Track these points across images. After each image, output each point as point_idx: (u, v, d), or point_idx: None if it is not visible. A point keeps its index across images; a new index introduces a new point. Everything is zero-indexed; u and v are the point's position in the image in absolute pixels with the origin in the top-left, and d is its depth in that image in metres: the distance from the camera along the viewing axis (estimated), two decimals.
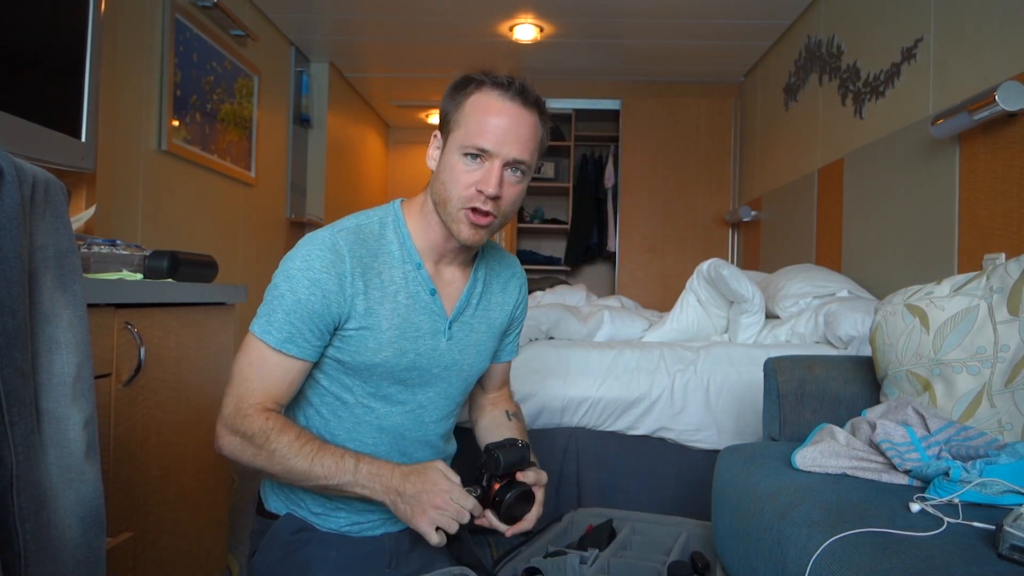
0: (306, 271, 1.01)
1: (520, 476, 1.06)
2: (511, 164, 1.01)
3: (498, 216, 1.04)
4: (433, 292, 1.10)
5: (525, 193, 1.10)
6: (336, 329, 1.05)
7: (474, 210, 1.01)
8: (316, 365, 1.09)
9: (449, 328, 1.12)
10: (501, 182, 1.01)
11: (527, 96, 1.02)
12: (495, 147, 1.00)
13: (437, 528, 0.96)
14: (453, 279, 1.14)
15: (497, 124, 1.00)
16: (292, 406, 1.15)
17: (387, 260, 1.07)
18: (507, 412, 1.30)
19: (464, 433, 1.35)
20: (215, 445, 1.05)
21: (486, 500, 1.03)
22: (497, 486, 1.03)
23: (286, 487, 1.12)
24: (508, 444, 1.06)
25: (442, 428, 1.19)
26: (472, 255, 1.16)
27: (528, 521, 1.06)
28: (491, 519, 1.03)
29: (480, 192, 1.00)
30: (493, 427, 1.27)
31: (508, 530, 1.04)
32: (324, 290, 1.00)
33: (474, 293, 1.16)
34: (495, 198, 1.01)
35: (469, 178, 1.01)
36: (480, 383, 1.32)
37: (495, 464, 1.03)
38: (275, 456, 0.99)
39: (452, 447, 1.27)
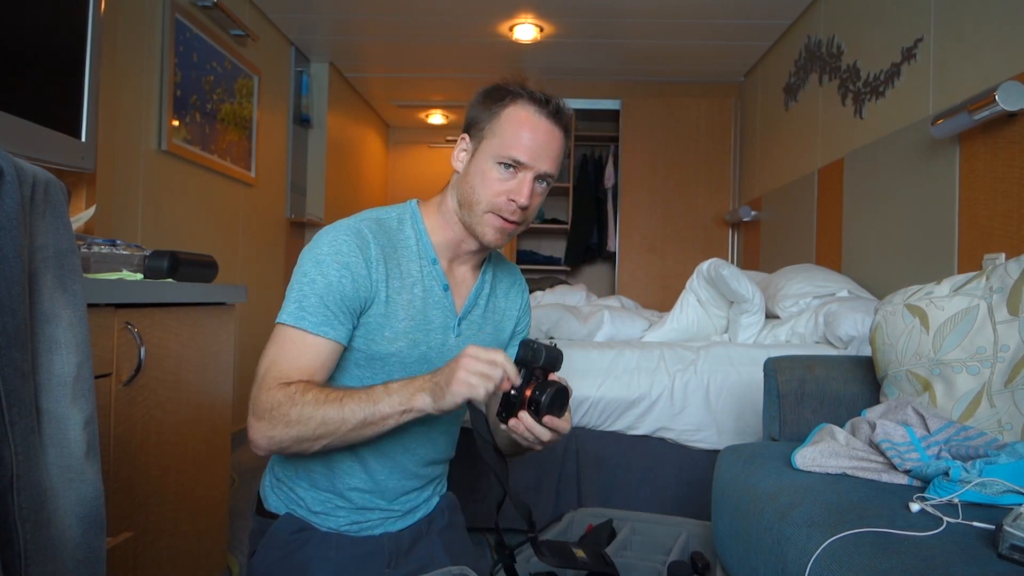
0: (335, 255, 1.02)
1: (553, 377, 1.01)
2: (540, 176, 1.06)
3: (522, 223, 1.09)
4: (446, 288, 1.12)
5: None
6: (360, 313, 1.05)
7: (501, 216, 1.06)
8: None
9: (459, 325, 1.14)
10: (532, 192, 1.06)
11: (560, 117, 1.08)
12: (530, 160, 1.04)
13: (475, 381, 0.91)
14: (464, 278, 1.17)
15: (533, 139, 1.05)
16: None
17: (405, 252, 1.09)
18: None
19: (464, 433, 1.33)
20: (252, 448, 0.99)
21: (521, 399, 0.95)
22: (533, 386, 0.96)
23: (285, 487, 1.12)
24: (544, 343, 0.99)
25: (447, 427, 1.19)
26: (482, 258, 1.19)
27: (565, 422, 0.99)
28: (527, 420, 0.96)
29: (512, 201, 1.05)
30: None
31: (545, 433, 0.97)
32: (354, 273, 1.02)
33: (482, 294, 1.19)
34: (524, 208, 1.06)
35: (501, 186, 1.05)
36: None
37: (535, 356, 0.96)
38: (304, 417, 0.95)
39: (453, 451, 1.26)
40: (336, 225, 1.06)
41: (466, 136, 1.11)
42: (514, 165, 1.05)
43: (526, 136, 1.05)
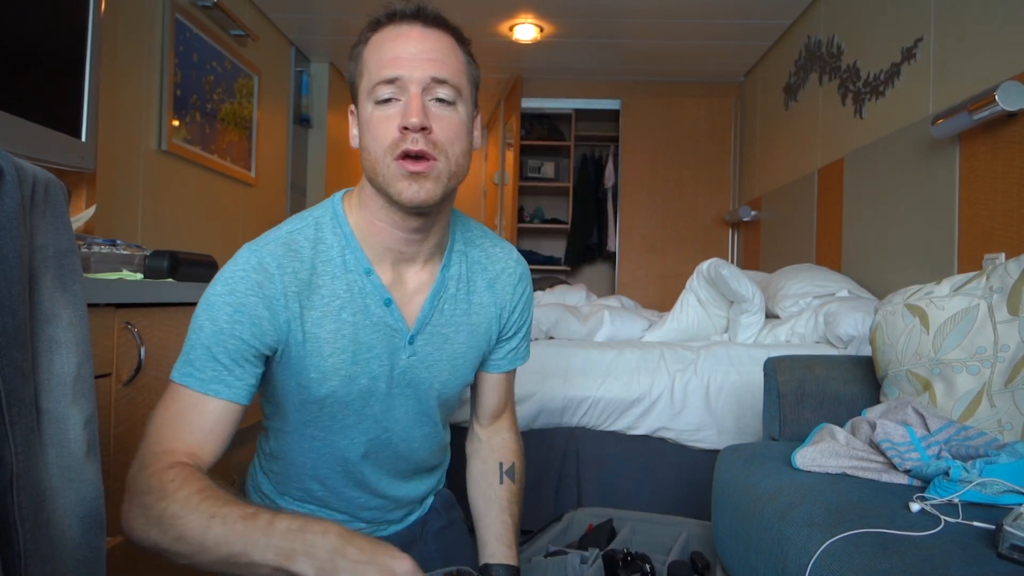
0: (227, 296, 0.85)
1: None
2: (431, 88, 0.85)
3: (440, 158, 0.85)
4: (388, 302, 0.93)
5: (473, 134, 0.92)
6: (270, 359, 0.89)
7: (405, 156, 0.84)
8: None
9: (411, 343, 0.95)
10: (425, 110, 0.84)
11: (426, 15, 0.88)
12: (404, 71, 0.84)
13: None
14: (419, 283, 0.97)
15: (402, 49, 0.85)
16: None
17: (326, 271, 0.90)
18: (500, 466, 1.12)
19: (458, 432, 1.26)
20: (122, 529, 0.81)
21: None
22: None
23: (269, 492, 1.05)
24: None
25: (423, 450, 1.06)
26: (436, 246, 0.97)
27: None
28: None
29: (405, 129, 0.84)
30: (480, 500, 1.10)
31: None
32: (252, 317, 0.85)
33: (443, 297, 0.98)
34: (424, 129, 0.84)
35: (389, 123, 0.85)
36: (472, 405, 1.17)
37: None
38: (165, 520, 0.75)
39: (441, 463, 1.16)
40: (236, 256, 0.89)
41: (352, 107, 0.93)
42: (392, 93, 0.85)
43: (390, 50, 0.85)
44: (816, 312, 2.16)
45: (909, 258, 2.21)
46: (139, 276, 1.31)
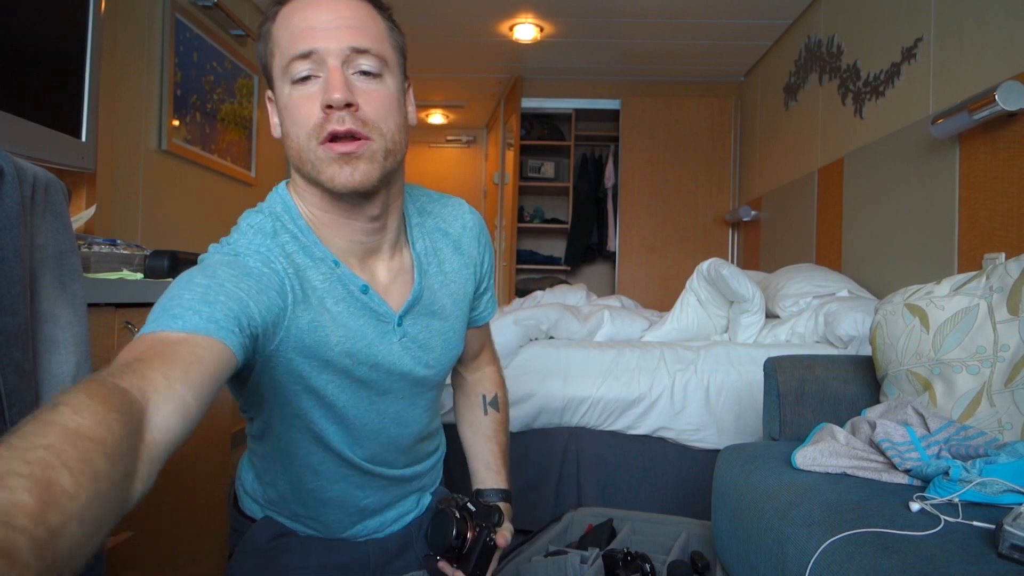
0: (231, 257, 0.76)
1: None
2: (352, 59, 0.77)
3: (372, 135, 0.77)
4: (365, 288, 0.85)
5: (404, 108, 0.84)
6: (268, 343, 0.76)
7: (333, 138, 0.75)
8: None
9: (399, 326, 0.89)
10: (349, 85, 0.75)
11: None
12: (320, 43, 0.75)
13: None
14: (392, 274, 0.90)
15: (312, 19, 0.76)
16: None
17: (300, 261, 0.82)
18: (484, 399, 1.14)
19: (450, 428, 1.24)
20: None
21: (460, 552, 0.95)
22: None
23: (257, 486, 1.01)
24: (479, 517, 0.96)
25: (416, 431, 1.01)
26: (397, 226, 0.89)
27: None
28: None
29: (329, 108, 0.75)
30: (468, 431, 1.14)
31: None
32: (259, 282, 0.73)
33: (429, 274, 0.93)
34: (349, 106, 0.75)
35: (310, 103, 0.76)
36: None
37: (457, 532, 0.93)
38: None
39: (436, 448, 1.12)
40: (220, 243, 0.80)
41: (270, 93, 0.85)
42: (308, 69, 0.76)
43: (299, 21, 0.76)
44: (816, 312, 2.16)
45: (909, 258, 2.21)
46: (139, 276, 1.31)
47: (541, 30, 3.60)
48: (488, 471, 1.10)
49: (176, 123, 2.62)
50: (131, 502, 0.47)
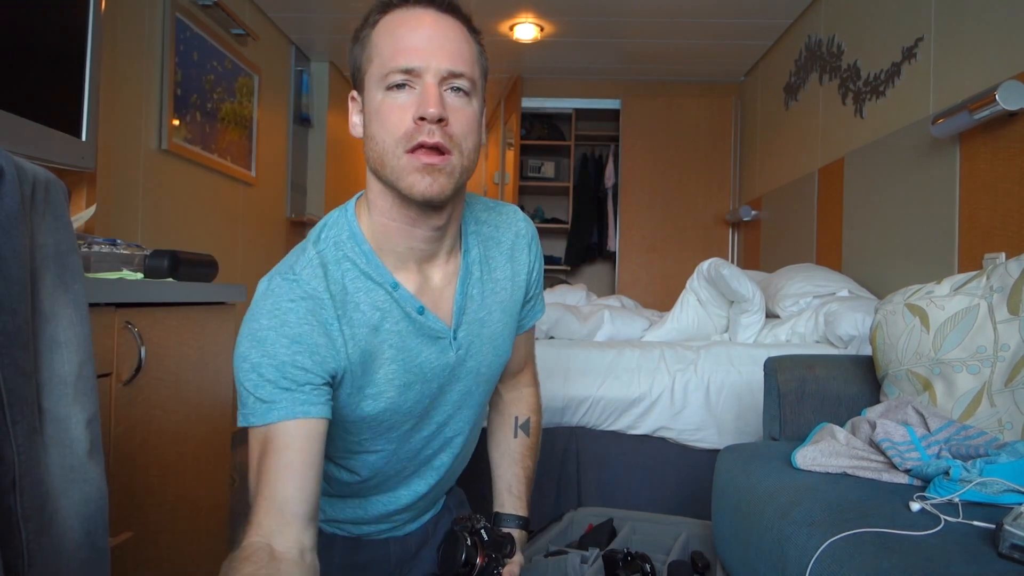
0: (280, 328, 0.80)
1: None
2: (448, 79, 0.81)
3: (454, 151, 0.81)
4: (421, 310, 0.89)
5: (482, 128, 0.88)
6: (335, 386, 0.85)
7: (420, 147, 0.80)
8: None
9: (455, 339, 0.93)
10: (443, 100, 0.80)
11: (445, 4, 0.84)
12: (421, 61, 0.79)
13: None
14: (445, 276, 0.94)
15: (416, 36, 0.81)
16: None
17: (358, 287, 0.87)
18: (516, 420, 1.14)
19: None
20: None
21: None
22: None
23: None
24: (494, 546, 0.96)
25: (469, 439, 1.07)
26: (449, 235, 0.92)
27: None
28: None
29: (421, 120, 0.79)
30: (496, 452, 1.14)
31: None
32: (311, 346, 0.80)
33: (469, 283, 0.95)
34: (440, 121, 0.79)
35: (402, 112, 0.80)
36: None
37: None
38: None
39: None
40: (268, 290, 0.84)
41: (354, 93, 0.89)
42: (405, 80, 0.80)
43: (404, 37, 0.81)
44: (816, 312, 2.16)
45: (909, 258, 2.21)
46: (139, 276, 1.31)
47: (541, 30, 3.60)
48: (510, 495, 1.10)
49: (176, 123, 2.62)
50: None
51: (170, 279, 1.35)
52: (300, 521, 0.76)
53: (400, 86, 0.80)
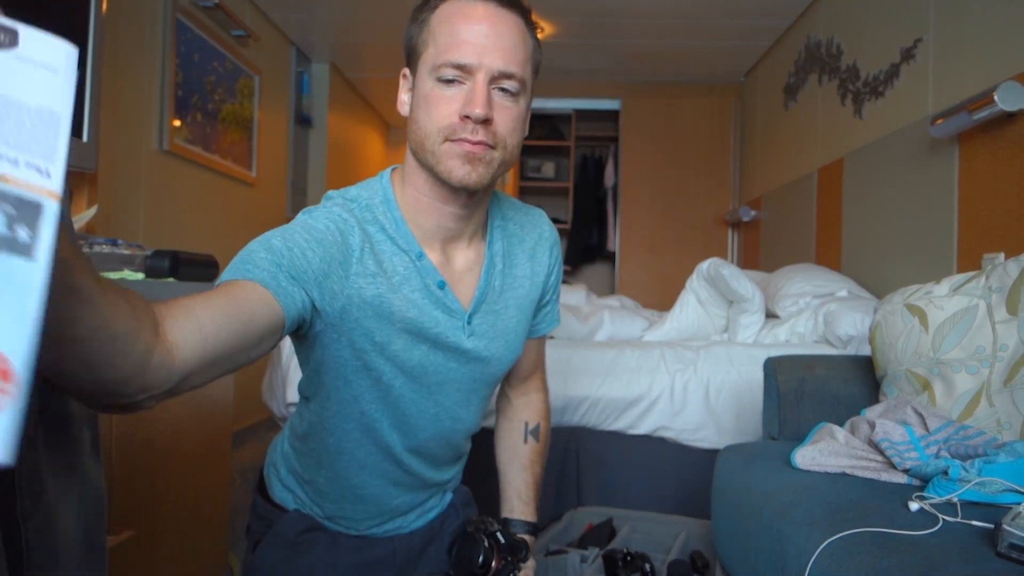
0: (308, 225, 0.82)
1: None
2: (498, 79, 0.82)
3: (496, 147, 0.83)
4: (442, 284, 0.91)
5: (527, 125, 0.89)
6: (322, 315, 0.81)
7: (462, 139, 0.82)
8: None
9: (469, 323, 0.94)
10: (490, 101, 0.81)
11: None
12: (475, 58, 0.80)
13: None
14: (467, 261, 0.95)
15: (473, 31, 0.81)
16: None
17: (385, 248, 0.88)
18: (525, 426, 1.14)
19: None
20: None
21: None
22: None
23: (292, 480, 1.02)
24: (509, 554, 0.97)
25: (463, 430, 1.05)
26: (479, 224, 0.95)
27: None
28: None
29: (466, 118, 0.80)
30: (505, 458, 1.14)
31: None
32: (327, 250, 0.80)
33: (494, 273, 0.96)
34: (485, 121, 0.81)
35: (449, 105, 0.81)
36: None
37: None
38: None
39: (466, 451, 1.15)
40: (306, 212, 0.87)
41: (406, 71, 0.89)
42: (457, 74, 0.81)
43: (462, 30, 0.81)
44: (816, 312, 2.16)
45: (908, 258, 2.21)
46: (140, 276, 1.31)
47: (541, 30, 3.57)
48: (519, 501, 1.11)
49: (177, 123, 2.62)
50: (147, 361, 0.53)
51: (171, 279, 1.36)
52: (184, 311, 0.61)
53: (450, 81, 0.81)
